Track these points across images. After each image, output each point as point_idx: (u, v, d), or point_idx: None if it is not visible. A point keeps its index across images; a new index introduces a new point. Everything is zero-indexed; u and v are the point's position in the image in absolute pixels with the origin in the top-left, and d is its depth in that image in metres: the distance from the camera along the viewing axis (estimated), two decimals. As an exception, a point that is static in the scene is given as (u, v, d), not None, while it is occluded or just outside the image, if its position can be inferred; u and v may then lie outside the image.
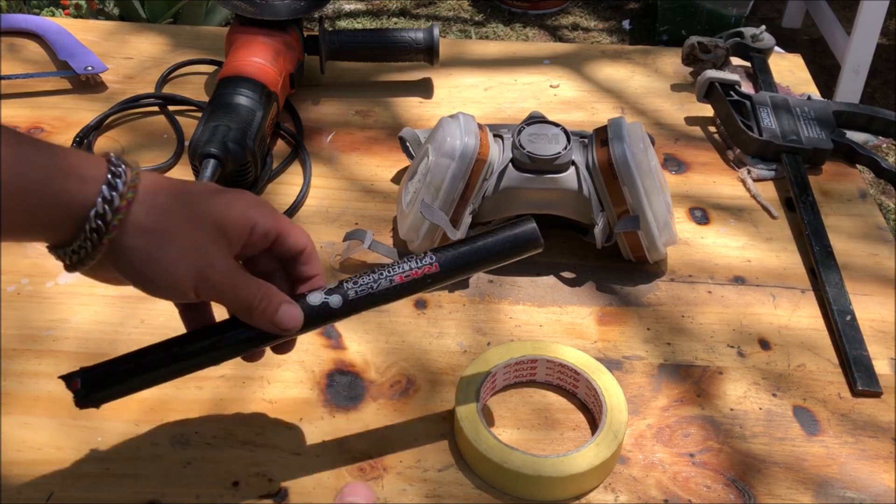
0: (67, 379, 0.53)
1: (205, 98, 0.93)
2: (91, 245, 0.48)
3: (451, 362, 0.68)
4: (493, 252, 0.57)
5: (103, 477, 0.59)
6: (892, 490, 0.61)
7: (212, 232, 0.51)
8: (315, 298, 0.55)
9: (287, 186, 0.84)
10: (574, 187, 0.72)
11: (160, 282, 0.50)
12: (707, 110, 0.94)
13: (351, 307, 0.55)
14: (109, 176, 0.48)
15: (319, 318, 0.55)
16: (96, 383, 0.53)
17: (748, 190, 0.86)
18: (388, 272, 0.55)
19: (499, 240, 0.57)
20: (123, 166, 0.49)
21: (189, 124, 0.90)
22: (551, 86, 0.99)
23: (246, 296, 0.52)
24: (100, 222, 0.48)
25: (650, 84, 1.00)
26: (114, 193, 0.48)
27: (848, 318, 0.72)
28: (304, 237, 0.56)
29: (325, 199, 0.83)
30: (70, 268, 0.50)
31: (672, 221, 0.74)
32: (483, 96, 0.97)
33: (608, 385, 0.63)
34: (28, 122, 0.90)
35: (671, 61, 1.04)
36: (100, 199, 0.48)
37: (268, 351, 0.57)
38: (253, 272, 0.54)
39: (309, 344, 0.68)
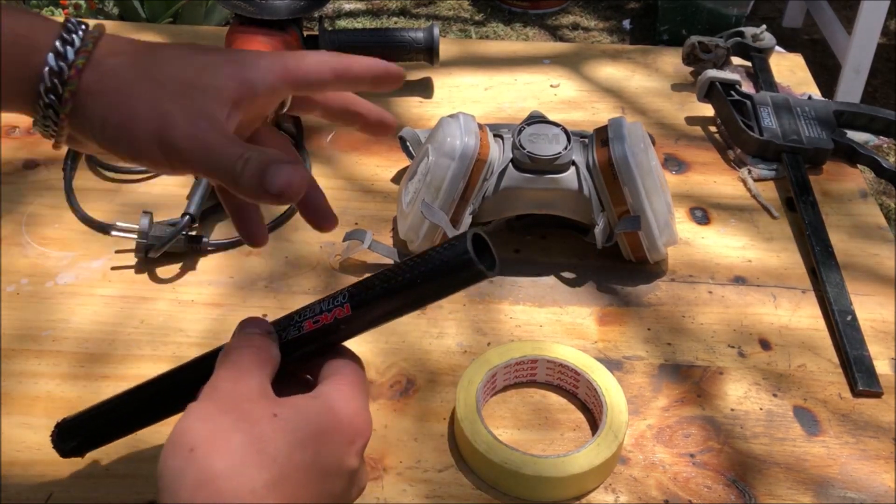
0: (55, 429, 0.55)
1: (204, 98, 0.92)
2: (52, 122, 0.45)
3: (451, 362, 0.68)
4: (415, 286, 0.45)
5: (103, 477, 0.59)
6: (893, 490, 0.61)
7: (178, 91, 0.44)
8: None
9: (287, 186, 0.84)
10: (574, 187, 0.72)
11: (122, 146, 0.45)
12: (707, 110, 0.94)
13: None
14: (58, 43, 0.44)
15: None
16: (69, 435, 0.54)
17: (749, 190, 0.86)
18: (300, 316, 0.47)
19: (423, 272, 0.44)
20: (80, 31, 0.45)
21: (189, 124, 0.89)
22: (551, 85, 0.99)
23: (223, 157, 0.44)
24: (52, 97, 0.44)
25: (650, 84, 1.00)
26: (62, 64, 0.43)
27: (848, 318, 0.72)
28: (326, 63, 0.48)
29: (325, 199, 0.83)
30: (54, 143, 0.47)
31: (672, 221, 0.74)
32: (483, 96, 0.97)
33: (608, 385, 0.63)
34: (27, 122, 0.89)
35: (671, 61, 1.04)
36: (46, 71, 0.43)
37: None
38: None
39: (309, 344, 0.68)
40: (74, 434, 0.54)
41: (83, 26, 0.45)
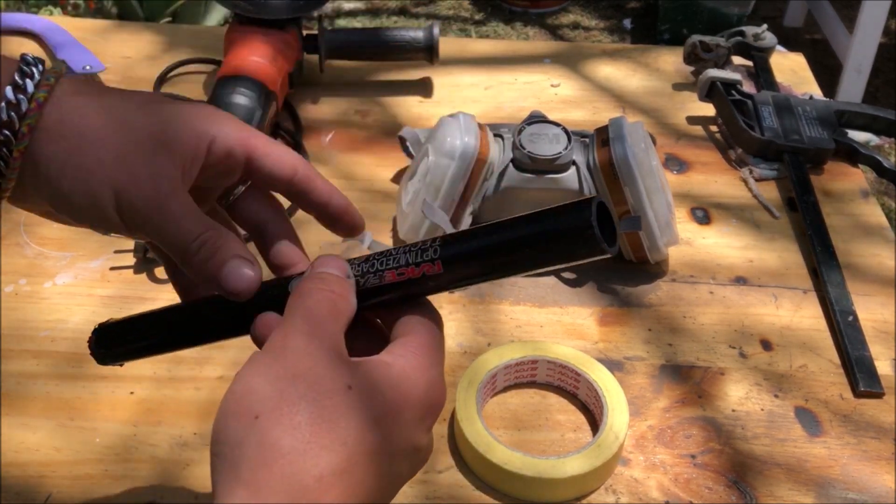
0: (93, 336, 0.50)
1: (203, 97, 0.92)
2: (2, 162, 0.40)
3: (451, 363, 0.68)
4: (519, 250, 0.38)
5: (102, 478, 0.59)
6: (894, 491, 0.60)
7: (145, 143, 0.41)
8: (293, 284, 0.43)
9: (286, 186, 0.83)
10: (575, 187, 0.72)
11: (76, 197, 0.41)
12: (708, 109, 0.94)
13: None
14: (17, 76, 0.40)
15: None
16: (110, 340, 0.49)
17: (750, 190, 0.85)
18: (381, 263, 0.42)
19: (532, 235, 0.38)
20: (39, 66, 0.41)
21: (188, 124, 0.89)
22: (552, 85, 0.99)
23: (179, 231, 0.41)
24: (6, 132, 0.40)
25: (651, 83, 1.00)
26: (21, 97, 0.40)
27: (850, 318, 0.71)
28: (291, 157, 0.44)
29: (325, 199, 0.82)
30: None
31: (673, 221, 0.74)
32: (483, 95, 0.97)
33: (609, 386, 0.63)
34: (26, 122, 0.89)
35: (672, 60, 1.03)
36: (3, 105, 0.40)
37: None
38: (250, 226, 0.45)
39: (308, 344, 0.68)
40: (116, 339, 0.49)
41: (42, 62, 0.42)
